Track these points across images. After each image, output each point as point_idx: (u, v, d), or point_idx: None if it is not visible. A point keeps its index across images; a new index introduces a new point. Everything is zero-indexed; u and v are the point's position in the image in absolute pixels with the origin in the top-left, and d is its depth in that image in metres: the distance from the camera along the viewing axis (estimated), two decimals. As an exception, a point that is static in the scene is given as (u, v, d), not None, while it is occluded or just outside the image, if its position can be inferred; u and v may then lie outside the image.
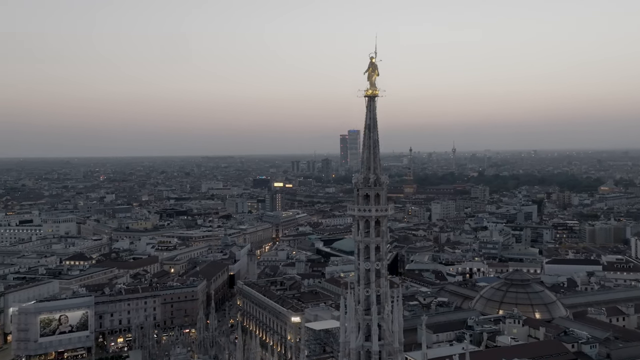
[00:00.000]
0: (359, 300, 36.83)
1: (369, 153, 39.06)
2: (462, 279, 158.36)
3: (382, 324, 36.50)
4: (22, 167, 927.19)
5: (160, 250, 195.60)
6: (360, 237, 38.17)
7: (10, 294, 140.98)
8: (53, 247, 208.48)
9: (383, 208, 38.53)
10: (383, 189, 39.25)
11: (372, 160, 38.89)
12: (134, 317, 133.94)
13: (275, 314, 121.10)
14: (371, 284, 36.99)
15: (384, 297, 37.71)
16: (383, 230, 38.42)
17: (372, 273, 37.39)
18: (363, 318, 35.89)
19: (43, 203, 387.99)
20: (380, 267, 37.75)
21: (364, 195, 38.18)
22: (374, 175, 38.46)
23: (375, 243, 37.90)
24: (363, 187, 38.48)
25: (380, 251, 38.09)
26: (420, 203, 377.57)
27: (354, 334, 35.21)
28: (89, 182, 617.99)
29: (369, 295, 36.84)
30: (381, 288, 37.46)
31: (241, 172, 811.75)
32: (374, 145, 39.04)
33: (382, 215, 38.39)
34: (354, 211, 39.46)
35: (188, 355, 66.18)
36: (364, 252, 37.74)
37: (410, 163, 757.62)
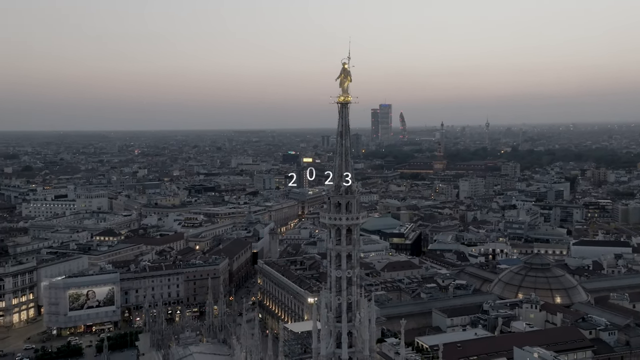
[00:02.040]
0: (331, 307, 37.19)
1: (340, 160, 38.82)
2: (484, 260, 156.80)
3: (353, 332, 36.85)
4: (61, 141, 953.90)
5: (187, 227, 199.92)
6: (332, 245, 38.32)
7: (43, 268, 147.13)
8: (85, 222, 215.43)
9: (354, 216, 38.43)
10: (355, 197, 39.10)
11: (344, 168, 38.68)
12: (157, 294, 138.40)
13: (293, 293, 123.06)
14: (342, 292, 37.24)
15: (356, 305, 37.94)
16: (354, 239, 38.42)
17: (343, 281, 37.59)
18: (334, 325, 36.30)
19: (79, 177, 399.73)
20: (351, 275, 37.90)
21: (335, 204, 38.16)
22: (344, 184, 38.30)
23: (347, 251, 37.96)
24: (334, 195, 38.42)
25: (352, 259, 38.19)
26: (449, 180, 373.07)
27: (324, 341, 35.69)
28: (123, 157, 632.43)
29: (340, 302, 37.14)
30: (353, 296, 37.69)
31: (272, 146, 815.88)
32: (345, 153, 38.74)
33: (353, 224, 38.36)
34: (325, 219, 39.55)
35: (197, 339, 68.20)
36: (335, 259, 37.92)
37: (442, 138, 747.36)
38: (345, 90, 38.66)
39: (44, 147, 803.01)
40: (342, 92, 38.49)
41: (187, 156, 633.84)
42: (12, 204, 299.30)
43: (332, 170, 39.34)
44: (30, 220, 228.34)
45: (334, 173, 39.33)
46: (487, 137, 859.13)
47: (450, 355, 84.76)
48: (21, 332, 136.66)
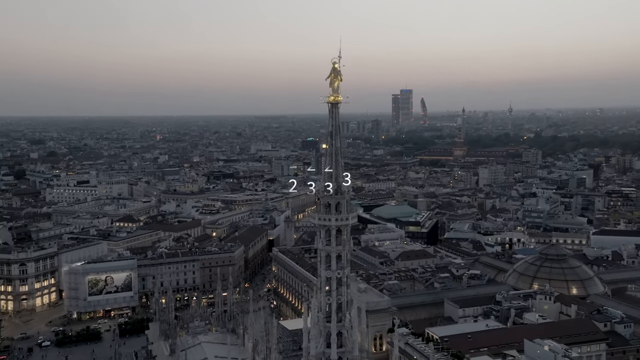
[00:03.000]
0: (321, 307, 37.31)
1: (331, 161, 38.64)
2: (500, 250, 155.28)
3: (343, 332, 36.95)
4: (86, 126, 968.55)
5: (204, 214, 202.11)
6: (322, 245, 38.31)
7: (63, 254, 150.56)
8: (105, 208, 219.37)
9: (344, 217, 38.29)
10: (344, 198, 38.92)
11: (333, 168, 38.49)
12: (174, 280, 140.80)
13: (306, 281, 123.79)
14: (332, 292, 37.27)
15: (346, 305, 37.99)
16: (344, 239, 38.31)
17: (333, 281, 37.61)
18: (324, 325, 36.43)
19: (101, 163, 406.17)
20: (341, 276, 37.88)
21: (325, 204, 38.05)
22: (335, 184, 38.13)
23: (337, 252, 37.92)
24: (324, 195, 38.29)
25: (342, 260, 38.15)
26: (468, 167, 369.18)
27: (314, 341, 35.91)
28: (145, 142, 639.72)
29: (330, 303, 37.20)
30: (342, 296, 37.71)
31: (291, 132, 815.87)
32: (336, 153, 38.50)
33: (343, 225, 38.24)
34: (315, 220, 39.49)
35: (206, 329, 69.31)
36: (325, 260, 37.92)
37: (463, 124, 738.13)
38: (335, 90, 38.36)
39: (69, 132, 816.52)
40: (332, 92, 38.21)
41: (207, 142, 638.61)
42: (37, 189, 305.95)
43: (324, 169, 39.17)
44: (53, 206, 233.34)
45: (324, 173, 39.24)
46: (510, 122, 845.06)
47: (460, 346, 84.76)
48: (43, 316, 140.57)
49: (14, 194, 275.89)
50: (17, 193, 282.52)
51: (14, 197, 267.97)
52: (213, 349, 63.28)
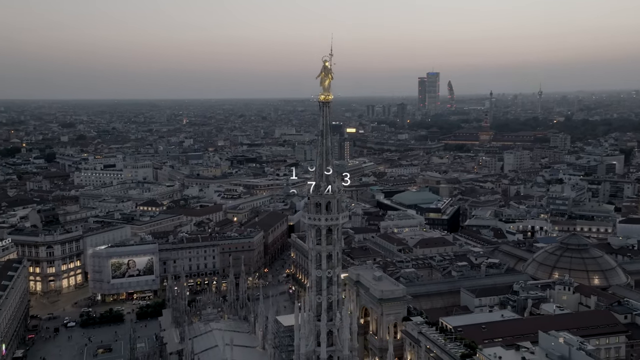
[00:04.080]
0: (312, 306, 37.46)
1: (321, 160, 38.38)
2: (522, 238, 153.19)
3: (333, 331, 37.09)
4: (114, 110, 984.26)
5: (226, 199, 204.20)
6: (312, 244, 38.28)
7: (88, 237, 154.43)
8: (130, 192, 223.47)
9: (334, 217, 38.10)
10: (335, 197, 38.69)
11: (324, 168, 38.24)
12: (194, 265, 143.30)
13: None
14: (322, 292, 37.34)
15: (336, 304, 38.02)
16: (335, 239, 38.17)
17: (323, 281, 37.63)
18: (315, 324, 36.59)
19: (128, 147, 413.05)
20: (332, 275, 37.85)
21: (315, 204, 37.90)
22: (325, 184, 37.92)
23: (327, 251, 37.85)
24: (314, 195, 38.12)
25: (333, 259, 38.08)
26: (494, 152, 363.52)
27: (304, 340, 36.13)
28: (172, 126, 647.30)
29: (320, 302, 37.30)
30: (333, 295, 37.73)
31: (316, 116, 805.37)
32: (327, 152, 38.21)
33: (333, 224, 38.08)
34: (305, 219, 39.45)
35: (218, 316, 70.47)
36: (315, 259, 37.93)
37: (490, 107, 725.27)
38: (326, 89, 38.01)
39: (98, 115, 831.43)
40: (323, 90, 37.87)
41: (232, 126, 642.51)
42: (67, 172, 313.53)
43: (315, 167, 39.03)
44: (81, 189, 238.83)
45: (315, 173, 39.10)
46: (540, 106, 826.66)
47: (474, 336, 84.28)
48: (69, 297, 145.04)
49: (44, 177, 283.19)
50: (47, 176, 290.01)
51: (44, 180, 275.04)
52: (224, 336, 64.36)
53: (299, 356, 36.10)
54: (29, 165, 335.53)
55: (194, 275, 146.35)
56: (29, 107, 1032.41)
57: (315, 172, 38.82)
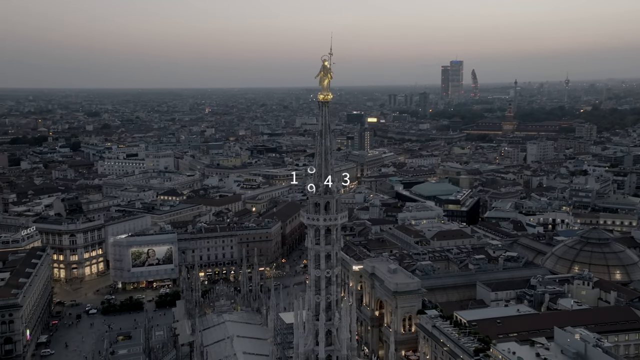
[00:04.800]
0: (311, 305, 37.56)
1: (320, 160, 38.16)
2: (542, 231, 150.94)
3: (332, 330, 37.17)
4: (138, 99, 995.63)
5: (245, 189, 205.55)
6: (311, 244, 38.27)
7: (110, 226, 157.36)
8: (151, 181, 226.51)
9: (332, 217, 37.97)
10: (334, 198, 38.54)
11: (323, 168, 38.04)
12: (212, 255, 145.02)
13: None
14: (321, 291, 37.36)
15: (335, 304, 38.03)
16: (334, 239, 38.05)
17: (322, 280, 37.64)
18: (314, 323, 36.72)
19: (151, 136, 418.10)
20: (330, 275, 37.82)
21: (314, 203, 37.81)
22: (323, 184, 37.75)
23: (326, 251, 37.76)
24: (313, 195, 38.03)
25: (331, 259, 38.02)
26: (517, 142, 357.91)
27: (302, 339, 36.27)
28: (194, 115, 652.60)
29: (319, 302, 37.36)
30: (332, 295, 37.73)
31: (337, 105, 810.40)
32: (325, 152, 37.99)
33: (332, 225, 37.99)
34: (304, 219, 39.47)
35: (231, 308, 71.29)
36: (314, 259, 37.95)
37: (515, 96, 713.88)
38: (325, 88, 37.77)
39: (123, 104, 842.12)
40: (322, 90, 37.64)
41: (254, 115, 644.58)
42: (91, 161, 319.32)
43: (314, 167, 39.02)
44: (104, 178, 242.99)
45: (314, 172, 39.06)
46: (566, 94, 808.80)
47: (489, 330, 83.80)
48: (92, 284, 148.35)
49: (69, 166, 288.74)
50: (72, 165, 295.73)
51: (69, 168, 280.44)
52: (236, 328, 65.18)
53: (298, 355, 36.42)
54: (55, 154, 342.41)
55: (212, 265, 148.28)
56: (56, 96, 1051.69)
57: (314, 172, 38.81)
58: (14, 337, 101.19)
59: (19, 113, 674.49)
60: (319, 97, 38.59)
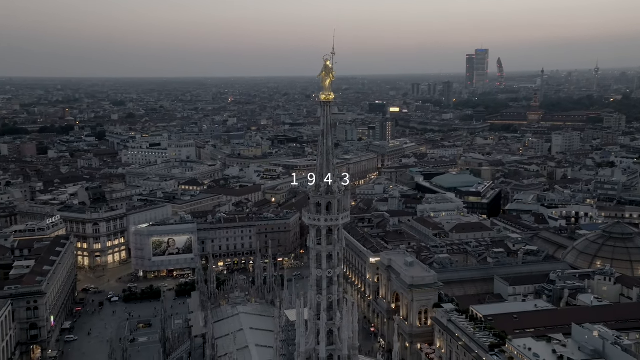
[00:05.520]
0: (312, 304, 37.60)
1: (322, 160, 37.92)
2: (565, 224, 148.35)
3: (334, 330, 37.19)
4: (163, 88, 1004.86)
5: (265, 179, 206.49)
6: (313, 244, 38.19)
7: (131, 215, 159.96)
8: (173, 171, 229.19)
9: (334, 217, 37.76)
10: (335, 198, 38.28)
11: (325, 167, 37.79)
12: (232, 245, 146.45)
13: (357, 252, 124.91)
14: (322, 291, 37.33)
15: (336, 303, 37.96)
16: (335, 239, 37.88)
17: (323, 280, 37.57)
18: (315, 323, 36.78)
19: (174, 125, 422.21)
20: (332, 275, 37.72)
21: (315, 203, 37.64)
22: (325, 184, 37.54)
23: (327, 251, 37.65)
24: (314, 195, 37.85)
25: (333, 259, 37.90)
26: (542, 132, 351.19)
27: (303, 339, 36.39)
28: (217, 104, 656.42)
29: (320, 302, 37.35)
30: (334, 295, 37.66)
31: (360, 94, 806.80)
32: (327, 152, 37.71)
33: (333, 225, 37.81)
34: (305, 219, 39.34)
35: (245, 300, 72.01)
36: (316, 259, 37.86)
37: (542, 85, 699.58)
38: (327, 88, 37.49)
39: (147, 93, 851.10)
40: (324, 90, 37.35)
41: (276, 104, 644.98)
42: (115, 150, 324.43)
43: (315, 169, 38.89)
44: (127, 168, 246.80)
45: (315, 172, 38.92)
46: (596, 83, 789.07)
47: (505, 326, 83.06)
48: (114, 272, 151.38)
49: (95, 155, 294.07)
50: (97, 154, 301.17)
51: (94, 157, 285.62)
52: (250, 320, 65.85)
53: (299, 354, 36.68)
54: (81, 143, 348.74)
55: (231, 255, 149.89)
56: (83, 85, 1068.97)
57: (317, 171, 38.72)
58: (38, 323, 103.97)
59: (48, 102, 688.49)
60: (320, 96, 38.46)
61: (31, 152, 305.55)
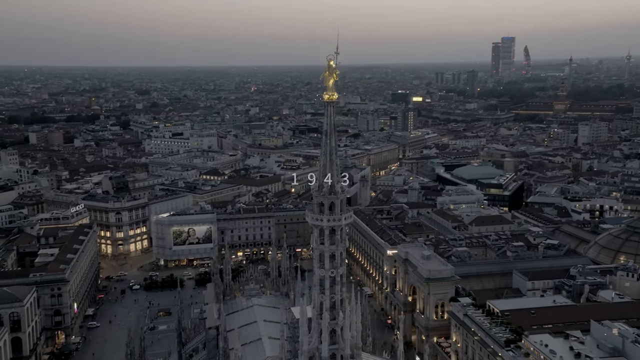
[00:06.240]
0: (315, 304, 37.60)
1: (325, 160, 37.69)
2: (589, 218, 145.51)
3: (336, 329, 37.18)
4: (187, 77, 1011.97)
5: (285, 169, 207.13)
6: (316, 244, 38.09)
7: (153, 204, 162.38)
8: (195, 160, 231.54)
9: (337, 218, 37.55)
10: (338, 198, 38.04)
11: (328, 168, 37.57)
12: (250, 235, 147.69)
13: (374, 244, 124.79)
14: (325, 291, 37.30)
15: (339, 303, 37.89)
16: (338, 239, 37.70)
17: (326, 280, 37.51)
18: (318, 322, 36.84)
19: (197, 115, 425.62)
20: (335, 275, 37.62)
21: (318, 204, 37.48)
22: (327, 184, 37.32)
23: (330, 251, 37.51)
24: (317, 195, 37.68)
25: (336, 259, 37.77)
26: (568, 123, 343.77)
27: (306, 337, 36.46)
28: (239, 93, 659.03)
29: (323, 301, 37.33)
30: (336, 295, 37.58)
31: (383, 84, 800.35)
32: (330, 152, 37.45)
33: (336, 225, 37.63)
34: (309, 218, 39.25)
35: (260, 292, 72.62)
36: (319, 258, 37.80)
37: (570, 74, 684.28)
38: (330, 88, 37.19)
39: (172, 83, 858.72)
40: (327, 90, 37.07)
41: (298, 94, 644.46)
42: (139, 139, 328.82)
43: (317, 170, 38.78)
44: (150, 157, 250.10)
45: (319, 173, 38.81)
46: (627, 71, 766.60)
47: (522, 321, 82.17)
48: (136, 260, 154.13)
49: (119, 144, 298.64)
50: (122, 143, 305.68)
51: (119, 146, 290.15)
52: (264, 312, 66.44)
53: (302, 352, 36.90)
54: (106, 132, 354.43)
55: (250, 245, 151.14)
56: (110, 74, 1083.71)
57: (320, 172, 38.66)
58: (62, 310, 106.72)
59: (75, 91, 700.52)
60: (324, 96, 38.26)
61: (58, 140, 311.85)
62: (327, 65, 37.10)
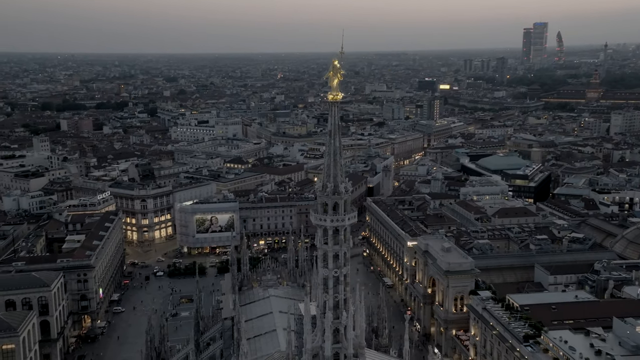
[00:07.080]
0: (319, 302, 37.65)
1: (330, 160, 37.36)
2: (618, 210, 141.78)
3: (340, 329, 37.18)
4: (214, 64, 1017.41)
5: (308, 158, 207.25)
6: (319, 244, 37.97)
7: (177, 192, 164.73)
8: (219, 148, 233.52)
9: (340, 218, 37.34)
10: (342, 198, 37.74)
11: (332, 168, 37.24)
12: (272, 224, 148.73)
13: (395, 234, 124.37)
14: (329, 290, 37.26)
15: (343, 303, 37.82)
16: (342, 239, 37.51)
17: (329, 280, 37.43)
18: (322, 321, 36.90)
19: (223, 102, 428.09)
20: (339, 275, 37.50)
21: (322, 204, 37.28)
22: (331, 184, 37.03)
23: (333, 251, 37.36)
24: (321, 195, 37.48)
25: (339, 259, 37.61)
26: (601, 112, 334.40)
27: (310, 336, 36.58)
28: (266, 81, 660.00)
29: (326, 301, 37.32)
30: (340, 294, 37.52)
31: (410, 71, 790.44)
32: (334, 153, 37.09)
33: (340, 225, 37.41)
34: (312, 218, 39.10)
35: (277, 282, 73.30)
36: (322, 258, 37.73)
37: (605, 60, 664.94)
38: (334, 88, 36.79)
39: (199, 70, 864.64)
40: (332, 90, 36.68)
41: (324, 81, 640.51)
42: (166, 126, 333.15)
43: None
44: (176, 145, 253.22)
45: (323, 173, 38.60)
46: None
47: (542, 316, 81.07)
48: (161, 247, 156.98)
49: (146, 131, 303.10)
50: (149, 130, 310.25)
51: (146, 134, 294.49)
52: (280, 304, 67.05)
53: (306, 351, 37.18)
54: (134, 119, 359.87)
55: (272, 234, 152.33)
56: (139, 61, 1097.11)
57: (324, 172, 38.52)
58: (88, 295, 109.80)
59: (105, 78, 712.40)
60: (328, 96, 38.06)
61: (88, 127, 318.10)
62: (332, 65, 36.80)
